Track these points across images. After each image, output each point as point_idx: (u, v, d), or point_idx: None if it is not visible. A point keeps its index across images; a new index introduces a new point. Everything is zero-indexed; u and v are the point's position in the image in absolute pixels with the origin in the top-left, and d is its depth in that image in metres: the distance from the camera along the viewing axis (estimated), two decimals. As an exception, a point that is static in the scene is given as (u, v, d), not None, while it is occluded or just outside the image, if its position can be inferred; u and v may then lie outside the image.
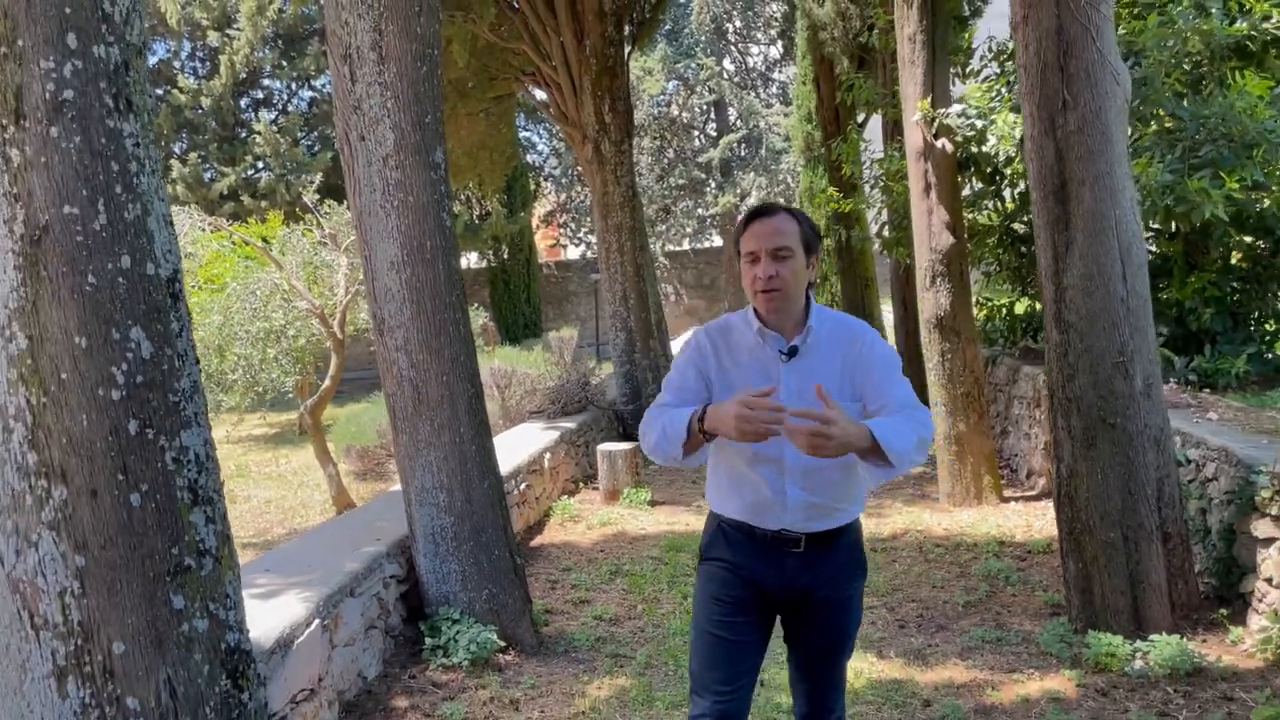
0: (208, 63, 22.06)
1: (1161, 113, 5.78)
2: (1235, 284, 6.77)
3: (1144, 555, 4.22)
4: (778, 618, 2.58)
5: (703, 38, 25.77)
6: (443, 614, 4.52)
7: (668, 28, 25.10)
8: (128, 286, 1.98)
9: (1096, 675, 4.00)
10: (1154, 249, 6.92)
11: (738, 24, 26.98)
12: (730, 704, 2.46)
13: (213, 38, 20.98)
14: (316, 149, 22.42)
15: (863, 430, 2.17)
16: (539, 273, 25.31)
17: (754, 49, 28.11)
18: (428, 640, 4.44)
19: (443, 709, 3.92)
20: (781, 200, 25.52)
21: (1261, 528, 4.12)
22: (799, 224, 2.43)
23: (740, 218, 2.51)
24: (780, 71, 27.32)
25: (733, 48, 27.73)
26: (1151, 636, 4.07)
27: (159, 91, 20.33)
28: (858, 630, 2.60)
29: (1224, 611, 4.31)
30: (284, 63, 22.03)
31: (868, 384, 2.43)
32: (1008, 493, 7.29)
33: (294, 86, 23.75)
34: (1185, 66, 5.82)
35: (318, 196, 11.83)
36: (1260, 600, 4.15)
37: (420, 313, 4.47)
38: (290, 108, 23.61)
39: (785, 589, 2.48)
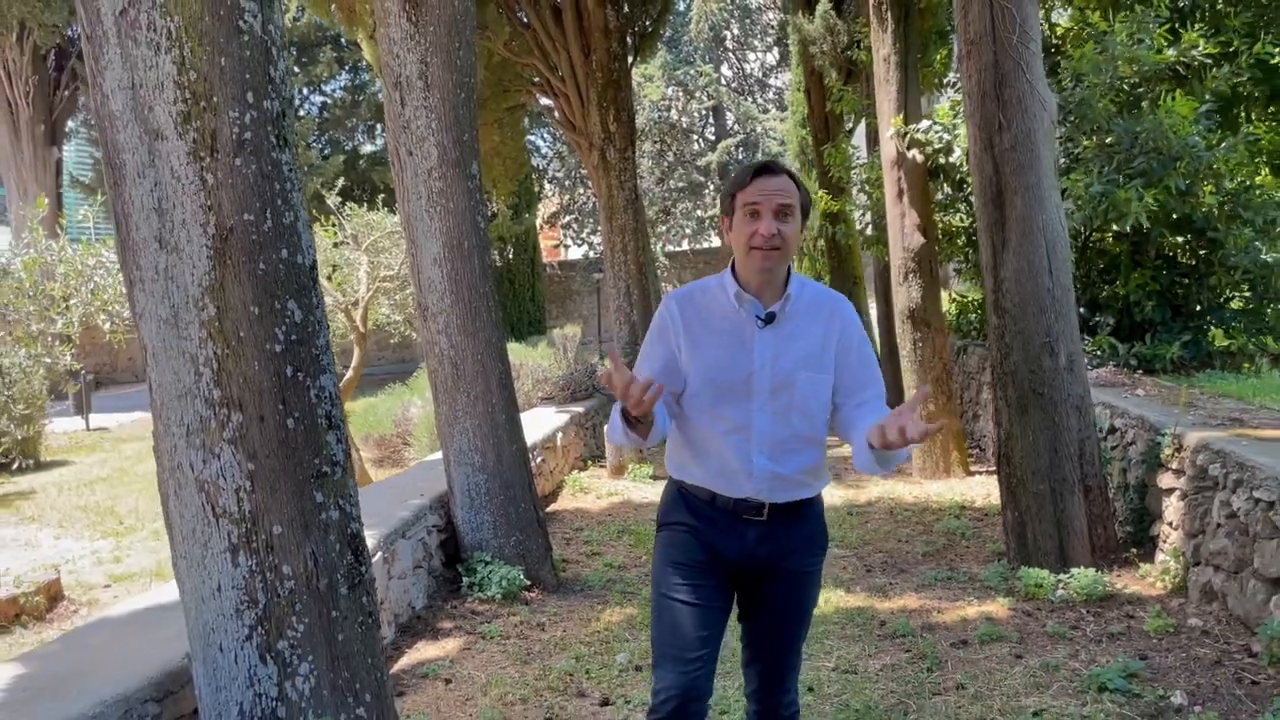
0: (223, 69, 22.78)
1: (1102, 128, 6.58)
2: (1181, 279, 7.57)
3: (1068, 504, 5.02)
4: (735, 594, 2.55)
5: (701, 45, 26.56)
6: (477, 557, 5.32)
7: (668, 35, 25.89)
8: (285, 271, 2.77)
9: (1026, 602, 4.79)
10: (1103, 249, 7.72)
11: (735, 31, 27.80)
12: (694, 677, 2.36)
13: (229, 45, 21.73)
14: (328, 152, 23.26)
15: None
16: (543, 272, 26.10)
17: (751, 56, 28.90)
18: (465, 579, 5.24)
19: (482, 629, 4.72)
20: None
21: (1165, 480, 4.92)
22: (799, 188, 2.38)
23: (740, 171, 2.42)
24: (776, 77, 28.15)
25: (730, 55, 28.53)
26: (1073, 570, 4.87)
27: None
28: (814, 608, 2.57)
29: (1135, 551, 5.12)
30: (296, 69, 22.83)
31: (845, 367, 2.43)
32: (974, 468, 8.09)
33: (306, 91, 24.57)
34: (1125, 88, 6.62)
35: (339, 200, 12.57)
36: (1164, 541, 4.95)
37: (459, 301, 5.27)
38: (303, 113, 24.41)
39: (745, 560, 2.45)
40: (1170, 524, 4.87)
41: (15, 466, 10.73)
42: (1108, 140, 6.57)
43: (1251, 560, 4.00)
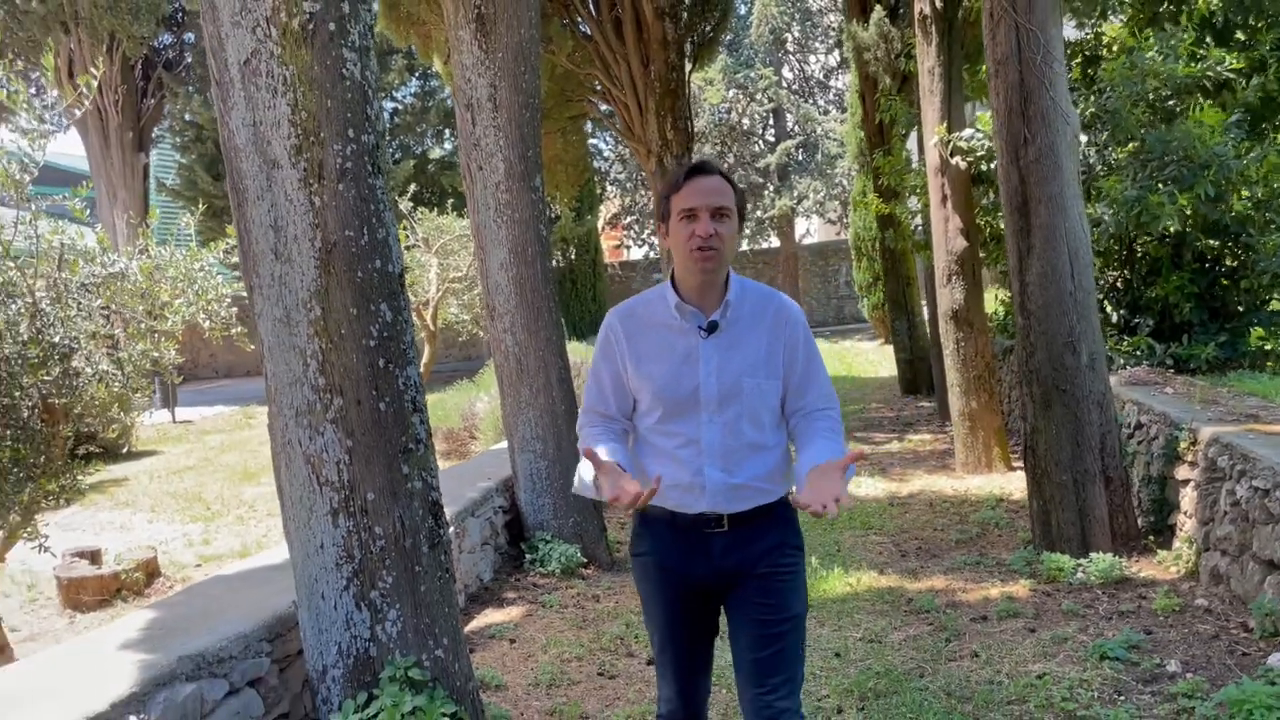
0: (299, 78, 23.69)
1: (1135, 137, 6.87)
2: (1221, 281, 7.79)
3: (1090, 494, 5.35)
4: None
5: (761, 49, 26.88)
6: (538, 536, 5.82)
7: (729, 39, 26.26)
8: (379, 279, 3.27)
9: (1047, 584, 5.14)
10: (1146, 253, 7.97)
11: (796, 34, 28.05)
12: (691, 694, 2.53)
13: (305, 55, 22.62)
14: (399, 157, 24.04)
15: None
16: (604, 272, 26.62)
17: (812, 58, 29.12)
18: (527, 555, 5.75)
19: (543, 599, 5.22)
20: (836, 204, 26.54)
21: (1181, 472, 5.23)
22: (733, 188, 2.39)
23: (671, 175, 2.43)
24: (837, 79, 28.33)
25: (791, 57, 28.78)
26: (1092, 555, 5.20)
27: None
28: (805, 619, 2.47)
29: (1153, 538, 5.43)
30: (369, 77, 23.59)
31: (791, 371, 2.44)
32: (1016, 464, 8.37)
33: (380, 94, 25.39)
34: (1155, 98, 6.89)
35: (411, 204, 13.25)
36: (1180, 529, 5.25)
37: (523, 302, 5.77)
38: (374, 118, 25.20)
39: (713, 574, 2.42)
40: (1185, 513, 5.18)
41: (125, 450, 11.52)
42: (1143, 147, 6.85)
43: (1251, 544, 4.32)
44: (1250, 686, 3.41)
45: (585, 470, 2.32)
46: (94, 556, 7.40)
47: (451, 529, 5.04)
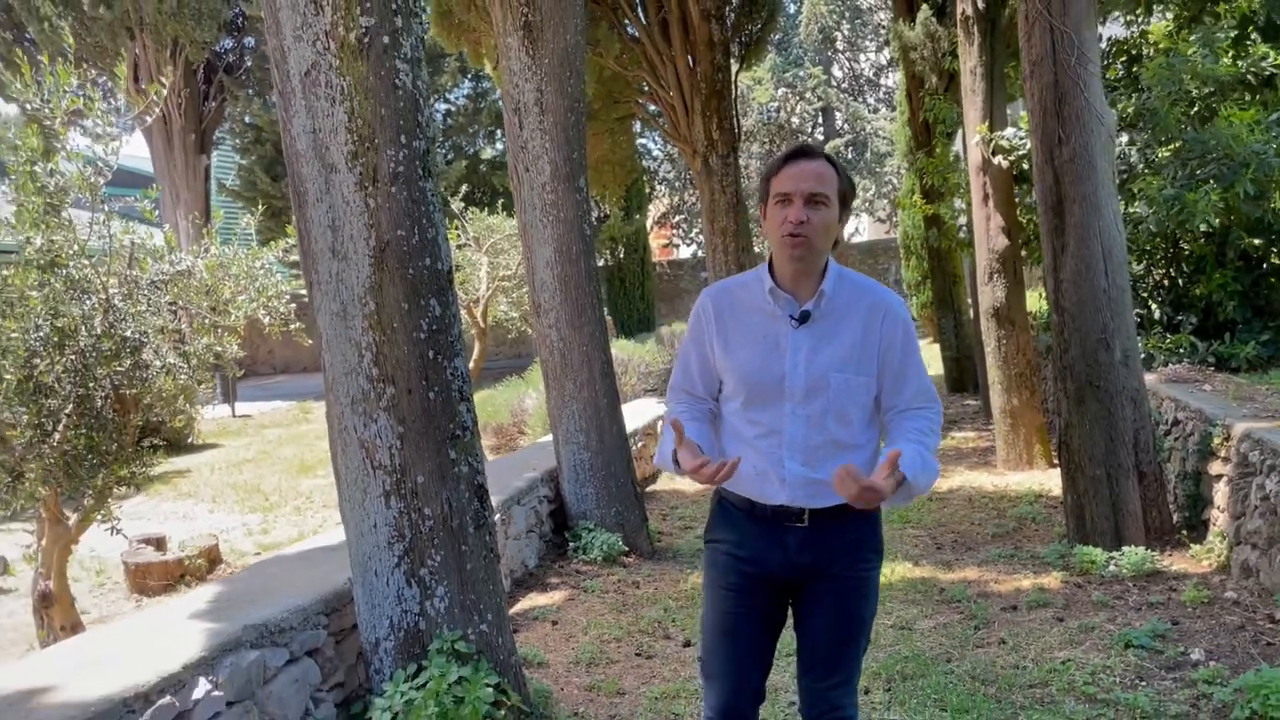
0: (355, 80, 24.20)
1: (1174, 136, 6.89)
2: (1266, 279, 7.76)
3: (1123, 489, 5.42)
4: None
5: (810, 48, 26.89)
6: (581, 525, 6.02)
7: (777, 38, 26.30)
8: (429, 275, 3.49)
9: (1079, 576, 5.22)
10: (1191, 251, 7.97)
11: (845, 32, 28.01)
12: (739, 701, 2.43)
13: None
14: (451, 158, 24.44)
15: (898, 479, 2.14)
16: (653, 271, 26.78)
17: (862, 56, 29.07)
18: (570, 543, 5.96)
19: (584, 585, 5.42)
20: (885, 202, 26.46)
21: (1215, 468, 5.28)
22: (838, 173, 2.29)
23: (775, 157, 2.36)
24: (887, 77, 28.24)
25: (841, 55, 28.74)
26: (1124, 549, 5.28)
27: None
28: (873, 620, 2.45)
29: (1186, 533, 5.48)
30: (422, 79, 24.02)
31: (885, 368, 2.35)
32: (1058, 461, 8.41)
33: (432, 100, 25.81)
34: (1196, 95, 6.91)
35: (463, 204, 13.51)
36: (1214, 524, 5.30)
37: (567, 299, 5.98)
38: (427, 120, 25.63)
39: (789, 568, 2.38)
40: (1219, 508, 5.23)
41: (188, 442, 11.96)
42: (1183, 146, 6.87)
43: (1279, 538, 4.38)
44: (1269, 673, 3.50)
45: (667, 444, 2.31)
46: (159, 543, 7.73)
47: (498, 516, 5.26)
